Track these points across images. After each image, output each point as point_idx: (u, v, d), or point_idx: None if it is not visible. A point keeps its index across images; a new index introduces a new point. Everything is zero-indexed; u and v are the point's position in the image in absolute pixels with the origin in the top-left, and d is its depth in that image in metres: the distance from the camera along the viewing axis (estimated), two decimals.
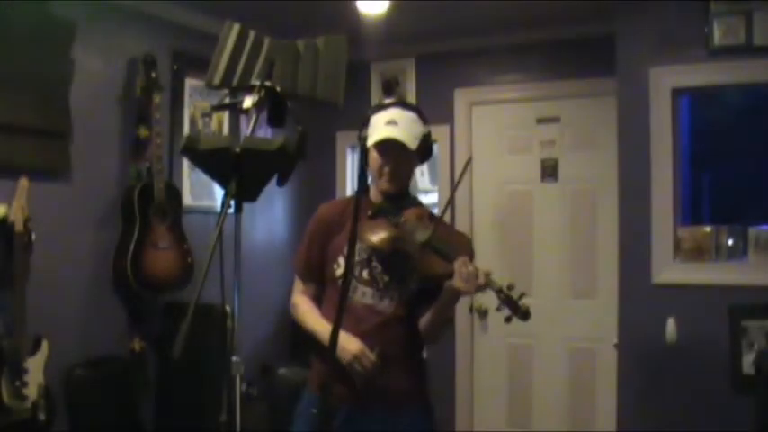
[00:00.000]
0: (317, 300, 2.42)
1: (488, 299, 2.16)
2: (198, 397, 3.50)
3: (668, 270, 3.32)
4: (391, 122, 2.25)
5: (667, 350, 3.27)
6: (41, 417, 2.89)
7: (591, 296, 4.19)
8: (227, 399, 1.78)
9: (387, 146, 2.25)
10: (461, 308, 4.43)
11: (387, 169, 2.28)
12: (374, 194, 2.37)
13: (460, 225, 4.46)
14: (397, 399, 2.28)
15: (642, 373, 3.37)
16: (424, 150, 2.34)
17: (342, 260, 2.30)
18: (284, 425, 3.77)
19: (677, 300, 3.27)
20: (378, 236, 2.17)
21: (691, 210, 3.73)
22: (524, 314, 2.06)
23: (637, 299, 3.37)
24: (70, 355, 3.25)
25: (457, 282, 2.06)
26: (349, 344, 2.17)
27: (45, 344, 2.97)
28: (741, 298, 3.16)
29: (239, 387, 1.79)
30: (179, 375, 3.60)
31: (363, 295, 2.27)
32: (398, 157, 2.27)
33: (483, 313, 4.42)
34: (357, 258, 2.28)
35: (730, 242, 3.31)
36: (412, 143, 2.25)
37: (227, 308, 1.95)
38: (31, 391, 2.87)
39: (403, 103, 2.38)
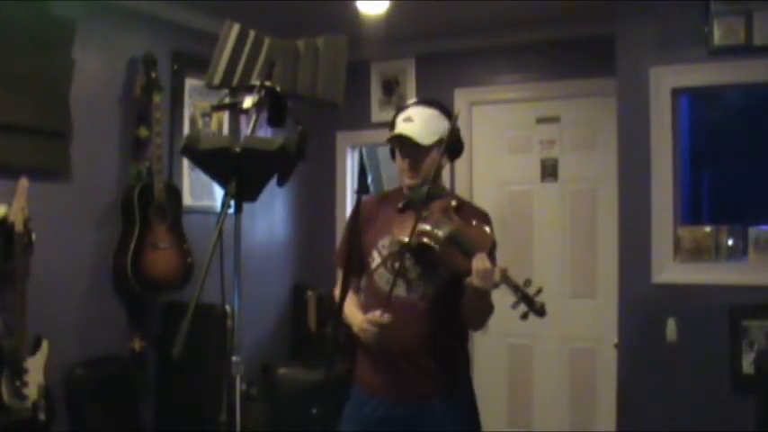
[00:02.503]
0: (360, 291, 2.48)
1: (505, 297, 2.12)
2: (198, 397, 3.50)
3: (668, 270, 3.31)
4: (407, 119, 2.31)
5: (667, 350, 3.27)
6: (41, 417, 2.89)
7: (591, 296, 4.19)
8: (227, 399, 1.78)
9: (400, 142, 2.32)
10: None
11: (404, 165, 2.34)
12: (405, 189, 2.41)
13: None
14: (426, 391, 2.30)
15: (642, 373, 3.37)
16: (452, 145, 2.34)
17: (376, 254, 2.36)
18: (284, 425, 3.79)
19: (677, 300, 3.27)
20: (403, 231, 2.21)
21: (691, 210, 3.73)
22: (540, 310, 2.07)
23: (637, 299, 3.37)
24: (70, 355, 3.26)
25: (474, 279, 2.07)
26: (355, 319, 2.26)
27: (45, 344, 2.97)
28: (741, 298, 3.16)
29: (239, 387, 1.78)
30: (179, 375, 3.61)
31: (395, 287, 2.29)
32: (413, 152, 2.31)
33: None
34: (389, 251, 2.33)
35: (730, 242, 3.31)
36: (424, 139, 2.28)
37: (227, 308, 1.95)
38: (31, 391, 2.87)
39: (425, 101, 2.41)
